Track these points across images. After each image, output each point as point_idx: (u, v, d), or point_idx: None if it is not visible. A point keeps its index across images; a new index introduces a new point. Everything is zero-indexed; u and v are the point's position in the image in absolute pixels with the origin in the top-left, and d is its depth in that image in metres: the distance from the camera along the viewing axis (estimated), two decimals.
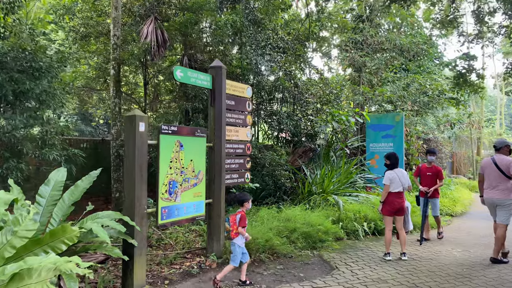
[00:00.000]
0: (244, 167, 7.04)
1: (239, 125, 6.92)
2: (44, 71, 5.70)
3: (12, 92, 5.43)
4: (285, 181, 9.39)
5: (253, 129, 13.60)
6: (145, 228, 5.00)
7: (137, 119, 4.86)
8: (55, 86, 6.10)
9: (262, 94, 10.79)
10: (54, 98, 6.12)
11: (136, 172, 4.86)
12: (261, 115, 12.25)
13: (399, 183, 6.57)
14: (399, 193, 6.60)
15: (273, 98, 12.10)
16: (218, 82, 6.32)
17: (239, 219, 5.25)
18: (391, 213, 6.64)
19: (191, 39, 10.67)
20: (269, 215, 8.05)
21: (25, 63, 5.61)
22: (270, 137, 13.05)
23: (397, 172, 6.64)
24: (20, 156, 6.17)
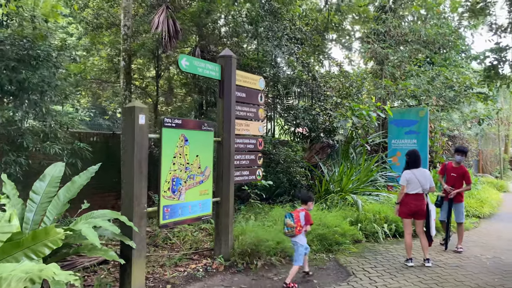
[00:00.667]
0: (256, 163, 6.62)
1: (250, 118, 6.49)
2: (43, 60, 5.39)
3: (9, 82, 5.14)
4: (300, 179, 8.93)
5: (269, 124, 13.19)
6: (144, 229, 4.64)
7: (137, 110, 4.49)
8: (57, 76, 5.79)
9: (279, 87, 10.32)
10: (55, 89, 5.81)
11: (135, 168, 4.49)
12: (278, 109, 11.80)
13: (417, 184, 6.04)
14: (417, 195, 6.07)
15: (290, 91, 11.63)
16: (228, 72, 5.91)
17: (303, 216, 5.30)
18: (408, 216, 6.14)
19: (205, 30, 10.31)
20: (282, 214, 7.60)
21: (23, 51, 5.31)
22: (287, 133, 12.62)
23: (415, 172, 6.11)
24: (20, 149, 5.90)
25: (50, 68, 5.56)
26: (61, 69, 6.27)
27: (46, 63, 5.46)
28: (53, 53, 5.61)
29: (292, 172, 8.85)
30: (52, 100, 5.95)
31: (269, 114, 12.81)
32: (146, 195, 4.63)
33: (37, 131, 6.08)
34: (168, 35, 8.84)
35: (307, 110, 10.39)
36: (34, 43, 5.42)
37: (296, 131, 11.52)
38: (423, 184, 6.04)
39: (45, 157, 6.29)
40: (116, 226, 4.41)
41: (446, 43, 13.42)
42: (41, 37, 5.68)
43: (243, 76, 6.35)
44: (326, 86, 10.93)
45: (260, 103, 6.73)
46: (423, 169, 6.19)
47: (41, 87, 5.42)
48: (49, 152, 5.85)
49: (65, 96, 6.20)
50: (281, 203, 8.59)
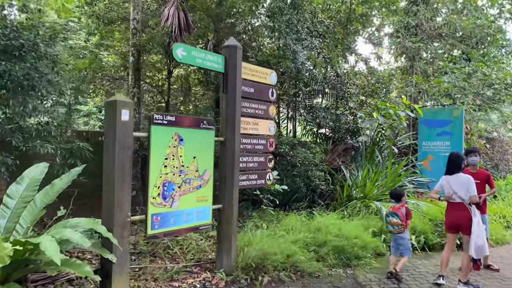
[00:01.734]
0: (265, 166, 5.96)
1: (259, 116, 5.84)
2: (27, 50, 4.93)
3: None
4: (319, 183, 8.19)
5: (290, 123, 12.50)
6: (127, 240, 4.07)
7: (119, 105, 3.93)
8: (47, 69, 5.32)
9: (299, 84, 9.60)
10: (47, 84, 5.34)
11: (116, 171, 3.93)
12: (298, 108, 11.09)
13: (450, 192, 5.24)
14: (454, 205, 5.27)
15: (311, 89, 10.90)
16: (232, 64, 5.28)
17: (405, 212, 5.45)
18: (450, 229, 5.37)
19: (222, 25, 9.73)
20: (296, 222, 6.91)
21: (5, 40, 4.86)
22: (309, 133, 11.90)
23: (449, 178, 5.31)
24: (9, 149, 5.47)
25: (36, 60, 5.10)
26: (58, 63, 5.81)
27: (31, 54, 5.00)
28: (41, 44, 5.14)
29: (310, 176, 8.13)
30: (43, 96, 5.49)
31: (290, 113, 12.13)
32: (129, 202, 4.07)
33: (28, 130, 5.64)
34: (179, 28, 8.30)
35: (329, 108, 9.63)
36: (20, 33, 4.98)
37: (318, 132, 10.76)
38: (456, 191, 5.22)
39: (39, 157, 5.84)
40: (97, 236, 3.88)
41: (485, 36, 12.32)
42: (28, 27, 5.21)
43: (251, 69, 5.71)
44: (350, 83, 10.13)
45: (272, 100, 6.06)
46: (461, 175, 5.32)
47: (27, 80, 4.97)
48: (39, 151, 5.39)
49: (60, 92, 5.75)
50: (297, 209, 7.88)
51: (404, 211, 5.47)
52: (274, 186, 7.26)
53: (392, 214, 5.48)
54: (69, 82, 6.77)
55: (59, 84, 6.07)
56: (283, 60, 8.77)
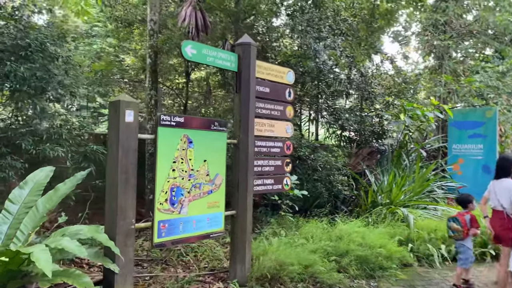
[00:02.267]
0: (282, 170, 5.64)
1: (275, 117, 5.53)
2: (33, 50, 4.79)
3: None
4: (342, 188, 7.79)
5: (312, 126, 12.14)
6: (132, 249, 3.83)
7: (122, 105, 3.71)
8: (57, 70, 5.18)
9: (321, 84, 9.23)
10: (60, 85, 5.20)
11: (119, 175, 3.70)
12: (321, 110, 10.71)
13: (494, 198, 4.81)
14: (496, 213, 4.86)
15: (335, 89, 10.52)
16: (246, 63, 5.00)
17: (469, 220, 5.12)
18: (494, 239, 5.01)
19: (242, 25, 9.51)
20: (317, 230, 6.56)
21: (12, 40, 4.74)
22: (333, 136, 11.51)
23: (495, 183, 4.88)
24: (19, 152, 5.36)
25: (44, 60, 4.97)
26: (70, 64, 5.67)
27: (38, 54, 4.86)
28: (48, 43, 5.00)
29: (332, 181, 7.75)
30: (53, 98, 5.36)
31: (312, 115, 11.76)
32: (134, 208, 3.83)
33: (39, 132, 5.52)
34: (196, 29, 8.10)
35: (353, 110, 9.22)
36: (26, 32, 4.87)
37: (342, 134, 10.36)
38: (500, 198, 4.78)
39: (51, 161, 5.72)
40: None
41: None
42: (35, 26, 5.07)
43: (267, 67, 5.41)
44: (375, 83, 9.68)
45: (288, 100, 5.75)
46: (507, 180, 4.84)
47: (35, 81, 4.83)
48: (49, 155, 5.25)
49: (70, 93, 5.61)
50: (318, 216, 7.51)
51: (468, 218, 5.14)
52: (293, 191, 6.92)
53: (453, 219, 5.24)
54: (83, 84, 6.62)
55: (71, 86, 5.93)
56: (303, 59, 8.43)
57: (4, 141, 5.36)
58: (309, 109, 11.11)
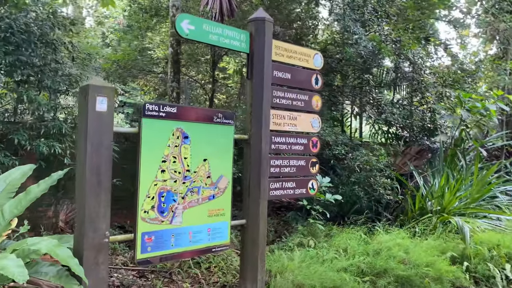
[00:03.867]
0: (307, 171, 4.75)
1: (298, 109, 4.65)
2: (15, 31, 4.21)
3: None
4: (385, 193, 6.74)
5: (355, 121, 11.05)
6: (105, 267, 3.12)
7: (92, 90, 3.00)
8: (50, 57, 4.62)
9: (362, 74, 8.16)
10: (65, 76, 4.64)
11: (88, 177, 3.00)
12: (364, 103, 9.64)
13: None
14: None
15: (380, 79, 9.40)
16: (259, 42, 4.16)
17: None
18: None
19: (275, 11, 8.67)
20: (352, 241, 5.61)
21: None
22: (379, 133, 10.39)
23: None
24: (16, 148, 4.87)
25: (29, 44, 4.41)
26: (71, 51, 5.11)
27: (20, 36, 4.27)
28: (32, 24, 4.42)
29: (372, 184, 6.71)
30: (52, 88, 4.80)
31: (355, 109, 10.68)
32: (108, 217, 3.12)
33: (37, 127, 5.00)
34: (220, 13, 7.36)
35: (397, 102, 8.10)
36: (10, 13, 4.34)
37: (389, 130, 9.23)
38: None
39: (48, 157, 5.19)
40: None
41: None
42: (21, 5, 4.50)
43: (287, 49, 4.54)
44: (425, 72, 8.46)
45: (315, 88, 4.85)
46: None
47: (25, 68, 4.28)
48: (42, 151, 4.70)
49: (70, 84, 5.04)
50: (356, 224, 6.52)
51: None
52: (323, 196, 6.00)
53: None
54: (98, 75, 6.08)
55: (78, 76, 5.39)
56: (343, 47, 7.45)
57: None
58: (352, 102, 10.06)
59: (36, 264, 3.02)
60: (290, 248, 5.48)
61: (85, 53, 5.84)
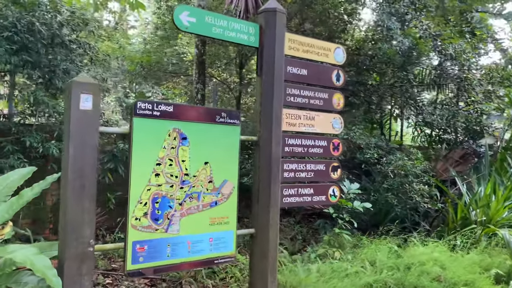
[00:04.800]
0: (327, 176, 4.33)
1: (316, 108, 4.26)
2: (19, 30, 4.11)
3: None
4: (421, 201, 6.14)
5: (396, 123, 10.41)
6: (88, 278, 2.88)
7: (75, 88, 2.79)
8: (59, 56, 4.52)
9: (401, 73, 7.55)
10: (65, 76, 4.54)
11: (71, 181, 2.79)
12: (403, 104, 8.99)
13: None
14: None
15: (419, 77, 8.74)
16: (269, 35, 3.81)
17: None
18: None
19: (307, 9, 8.29)
20: (381, 253, 5.11)
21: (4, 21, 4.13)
22: (421, 135, 9.71)
23: None
24: (28, 151, 4.81)
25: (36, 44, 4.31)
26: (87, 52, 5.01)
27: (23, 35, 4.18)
28: (37, 23, 4.31)
29: (408, 191, 6.13)
30: (60, 89, 4.72)
31: (395, 110, 10.03)
32: (92, 224, 2.88)
33: (52, 128, 4.93)
34: (246, 11, 7.10)
35: (441, 102, 7.43)
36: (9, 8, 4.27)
37: (430, 132, 8.54)
38: None
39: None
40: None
41: None
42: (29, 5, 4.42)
43: (303, 42, 4.16)
44: (470, 68, 7.71)
45: (337, 85, 4.43)
46: None
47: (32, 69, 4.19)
48: (53, 153, 4.59)
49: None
50: (388, 234, 5.97)
51: None
52: (348, 203, 5.53)
53: None
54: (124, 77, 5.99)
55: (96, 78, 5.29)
56: (376, 43, 6.94)
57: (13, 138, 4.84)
58: (390, 103, 9.44)
59: (18, 273, 2.83)
60: (312, 259, 5.07)
61: (104, 54, 5.76)
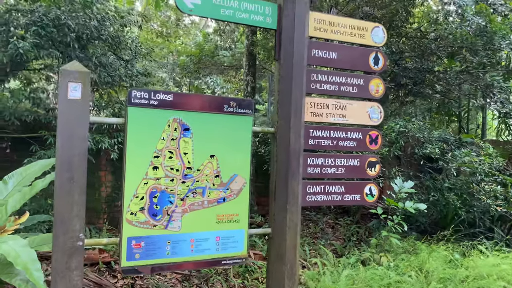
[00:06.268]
0: (362, 173, 3.85)
1: (348, 95, 3.78)
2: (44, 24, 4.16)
3: None
4: (492, 203, 5.28)
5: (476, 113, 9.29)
6: (78, 273, 2.78)
7: (63, 76, 2.70)
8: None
9: (469, 56, 6.60)
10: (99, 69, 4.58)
11: (59, 173, 2.71)
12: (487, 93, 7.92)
13: None
14: None
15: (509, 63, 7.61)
16: (289, 15, 3.44)
17: None
18: None
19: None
20: (438, 262, 4.46)
21: None
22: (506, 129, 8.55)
23: None
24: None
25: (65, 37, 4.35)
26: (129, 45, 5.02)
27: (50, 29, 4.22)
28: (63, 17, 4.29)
29: (474, 191, 5.31)
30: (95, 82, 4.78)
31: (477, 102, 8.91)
32: (82, 218, 2.78)
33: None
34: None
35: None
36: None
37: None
38: None
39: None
40: None
41: None
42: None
43: (332, 22, 3.71)
44: None
45: (375, 69, 3.91)
46: None
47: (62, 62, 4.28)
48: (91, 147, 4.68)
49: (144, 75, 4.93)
50: (450, 240, 5.22)
51: None
52: (397, 204, 4.91)
53: None
54: (172, 71, 6.00)
55: (143, 71, 5.32)
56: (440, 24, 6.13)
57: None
58: (468, 93, 8.39)
59: (13, 265, 2.82)
60: (352, 263, 4.58)
61: (148, 48, 5.78)
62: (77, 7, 4.42)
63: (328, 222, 7.52)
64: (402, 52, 6.51)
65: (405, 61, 6.71)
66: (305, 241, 6.13)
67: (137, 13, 6.36)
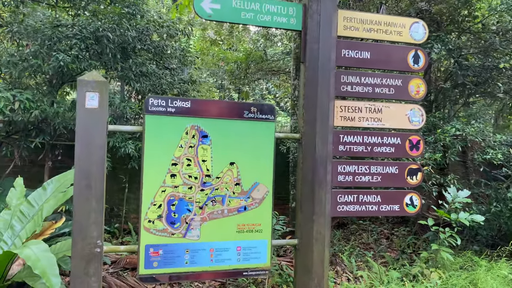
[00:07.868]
0: (401, 181, 3.54)
1: (384, 97, 3.51)
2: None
3: None
4: None
5: None
6: (96, 279, 2.82)
7: (80, 86, 2.77)
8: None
9: None
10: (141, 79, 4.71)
11: (78, 180, 2.77)
12: None
13: None
14: None
15: None
16: (314, 15, 3.26)
17: None
18: None
19: None
20: (494, 281, 3.99)
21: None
22: None
23: None
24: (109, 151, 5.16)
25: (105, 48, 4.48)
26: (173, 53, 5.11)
27: (88, 42, 4.37)
28: (101, 30, 4.42)
29: None
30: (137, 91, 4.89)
31: None
32: (100, 225, 2.82)
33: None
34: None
35: None
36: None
37: None
38: None
39: None
40: None
41: None
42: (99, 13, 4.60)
43: (364, 19, 3.47)
44: None
45: (414, 68, 3.59)
46: None
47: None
48: (123, 152, 4.81)
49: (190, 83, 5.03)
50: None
51: None
52: (447, 215, 4.46)
53: None
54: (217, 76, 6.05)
55: (187, 80, 5.42)
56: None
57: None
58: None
59: None
60: (394, 279, 4.24)
61: (192, 56, 5.85)
62: (116, 19, 4.59)
63: (383, 232, 7.12)
64: (460, 48, 5.97)
65: (465, 58, 6.15)
66: (353, 252, 5.83)
67: (185, 22, 6.48)
